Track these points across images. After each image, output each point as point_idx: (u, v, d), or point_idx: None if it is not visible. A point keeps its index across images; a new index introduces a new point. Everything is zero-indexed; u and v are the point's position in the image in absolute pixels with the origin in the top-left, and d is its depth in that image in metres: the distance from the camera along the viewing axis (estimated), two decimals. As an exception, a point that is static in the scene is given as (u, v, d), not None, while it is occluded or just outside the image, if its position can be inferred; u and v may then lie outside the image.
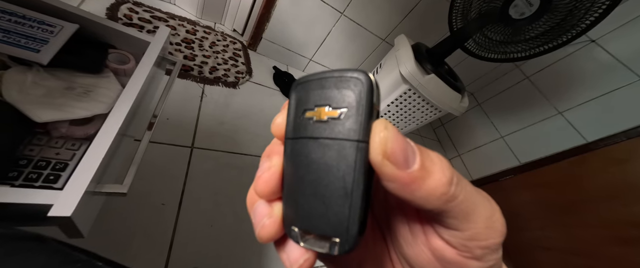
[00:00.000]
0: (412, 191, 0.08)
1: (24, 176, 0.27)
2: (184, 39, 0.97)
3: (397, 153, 0.08)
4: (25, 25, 0.31)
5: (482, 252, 0.09)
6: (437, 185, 0.08)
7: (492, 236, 0.09)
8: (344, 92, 0.08)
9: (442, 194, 0.08)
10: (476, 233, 0.09)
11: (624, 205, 0.89)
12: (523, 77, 1.21)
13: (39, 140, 0.29)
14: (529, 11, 0.61)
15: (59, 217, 0.21)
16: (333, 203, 0.08)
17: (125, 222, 0.56)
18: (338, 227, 0.08)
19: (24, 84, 0.29)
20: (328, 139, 0.08)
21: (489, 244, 0.09)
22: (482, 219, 0.09)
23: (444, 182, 0.08)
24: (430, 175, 0.08)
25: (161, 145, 0.69)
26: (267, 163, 0.11)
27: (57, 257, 0.17)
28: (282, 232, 0.10)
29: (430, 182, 0.08)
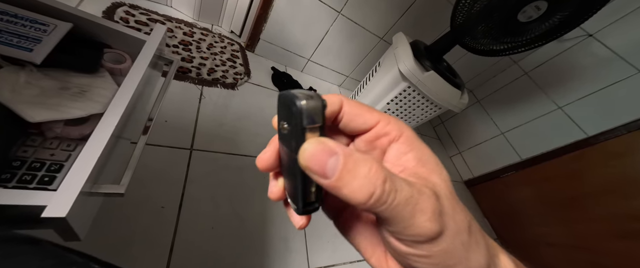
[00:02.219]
0: (335, 193, 0.10)
1: (18, 178, 0.26)
2: (181, 41, 0.96)
3: (314, 168, 0.10)
4: (17, 24, 0.30)
5: (412, 246, 0.11)
6: (352, 195, 0.10)
7: (415, 233, 0.11)
8: (292, 112, 0.11)
9: (362, 204, 0.10)
10: (400, 233, 0.11)
11: (625, 199, 0.88)
12: (522, 73, 1.21)
13: (33, 141, 0.29)
14: (537, 14, 0.61)
15: (53, 218, 0.20)
16: (293, 185, 0.13)
17: (125, 225, 0.55)
18: (295, 200, 0.13)
19: (16, 84, 0.28)
20: (286, 144, 0.12)
21: (415, 239, 0.11)
22: (401, 226, 0.11)
23: (363, 195, 0.10)
24: (345, 186, 0.10)
25: (160, 148, 0.68)
26: (267, 148, 0.14)
27: (51, 260, 0.16)
28: (283, 196, 0.15)
29: (346, 191, 0.10)
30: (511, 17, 0.62)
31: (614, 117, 0.92)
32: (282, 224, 0.76)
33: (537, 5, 0.58)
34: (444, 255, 0.11)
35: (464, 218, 0.12)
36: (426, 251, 0.11)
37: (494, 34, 0.68)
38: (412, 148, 0.13)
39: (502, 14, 0.61)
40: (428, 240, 0.11)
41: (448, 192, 0.12)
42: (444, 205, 0.11)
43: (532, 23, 0.63)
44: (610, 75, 0.94)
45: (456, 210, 0.12)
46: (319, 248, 0.78)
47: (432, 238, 0.10)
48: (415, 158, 0.13)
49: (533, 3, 0.57)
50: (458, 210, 0.12)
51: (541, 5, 0.59)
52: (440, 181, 0.12)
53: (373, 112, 0.13)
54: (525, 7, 0.59)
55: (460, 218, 0.11)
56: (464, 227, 0.11)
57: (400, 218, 0.10)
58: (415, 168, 0.12)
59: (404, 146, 0.13)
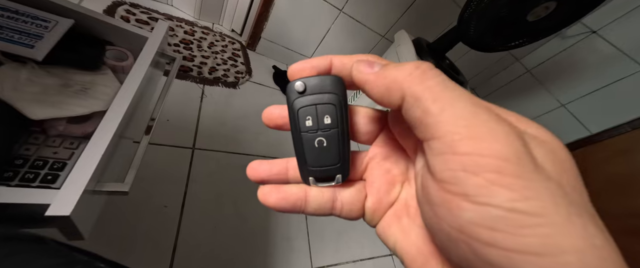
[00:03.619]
0: (375, 85, 0.10)
1: (20, 176, 0.25)
2: (182, 39, 0.96)
3: (362, 64, 0.11)
4: (18, 21, 0.30)
5: (470, 180, 0.07)
6: (395, 75, 0.10)
7: (480, 149, 0.07)
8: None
9: (408, 74, 0.09)
10: (452, 141, 0.07)
11: (629, 197, 0.88)
12: (524, 71, 1.20)
13: (36, 139, 0.28)
14: (545, 13, 0.61)
15: (57, 217, 0.20)
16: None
17: (128, 225, 0.54)
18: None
19: (18, 81, 0.28)
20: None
21: (478, 163, 0.07)
22: (461, 123, 0.07)
23: (408, 67, 0.09)
24: (388, 70, 0.10)
25: (162, 147, 0.68)
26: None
27: (56, 258, 0.16)
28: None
29: (389, 73, 0.10)
30: (521, 18, 0.62)
31: (618, 115, 0.91)
32: (284, 223, 0.75)
33: (547, 5, 0.58)
34: (545, 233, 0.06)
35: (586, 201, 0.07)
36: (476, 202, 0.07)
37: (502, 34, 0.68)
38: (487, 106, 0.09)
39: (512, 16, 0.61)
40: (503, 172, 0.07)
41: (559, 150, 0.08)
42: (542, 157, 0.07)
43: (539, 21, 0.63)
44: (614, 73, 0.94)
45: (568, 181, 0.07)
46: (321, 248, 0.77)
47: (517, 169, 0.06)
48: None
49: (544, 4, 0.57)
50: (575, 186, 0.08)
51: (550, 5, 0.58)
52: (544, 135, 0.08)
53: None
54: (536, 7, 0.58)
55: (578, 194, 0.07)
56: (582, 206, 0.07)
57: (459, 113, 0.08)
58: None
59: None
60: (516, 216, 0.06)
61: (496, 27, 0.66)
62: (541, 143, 0.08)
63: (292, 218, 0.78)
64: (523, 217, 0.06)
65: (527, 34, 0.68)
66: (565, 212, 0.06)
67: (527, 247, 0.06)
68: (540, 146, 0.08)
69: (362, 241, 0.87)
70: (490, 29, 0.67)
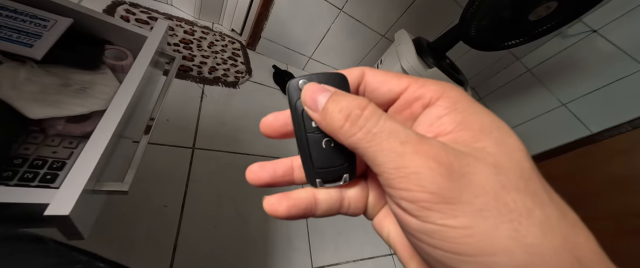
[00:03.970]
0: (321, 125, 0.11)
1: (19, 176, 0.25)
2: (182, 39, 0.95)
3: (308, 102, 0.11)
4: (16, 20, 0.30)
5: (410, 206, 0.09)
6: (332, 121, 0.10)
7: (408, 187, 0.08)
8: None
9: (338, 128, 0.10)
10: (389, 180, 0.09)
11: (630, 196, 0.88)
12: (524, 70, 1.20)
13: (35, 139, 0.28)
14: (546, 13, 0.61)
15: (56, 216, 0.20)
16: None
17: (128, 224, 0.54)
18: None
19: (17, 80, 0.28)
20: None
21: (411, 196, 0.08)
22: (391, 166, 0.09)
23: (338, 118, 0.10)
24: (328, 115, 0.10)
25: (162, 147, 0.68)
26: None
27: (55, 258, 0.16)
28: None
29: (327, 119, 0.10)
30: (522, 17, 0.62)
31: (619, 114, 0.91)
32: (284, 223, 0.75)
33: (548, 5, 0.58)
34: (470, 242, 0.08)
35: (537, 201, 0.08)
36: (433, 223, 0.08)
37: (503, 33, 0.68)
38: (453, 110, 0.10)
39: (514, 15, 0.61)
40: (429, 200, 0.08)
41: (506, 159, 0.09)
42: (479, 170, 0.08)
43: (540, 20, 0.63)
44: (615, 72, 0.93)
45: (516, 185, 0.08)
46: (322, 247, 0.77)
47: (437, 199, 0.08)
48: (454, 121, 0.10)
49: (545, 4, 0.57)
50: (524, 188, 0.08)
51: (552, 5, 0.58)
52: (494, 149, 0.09)
53: (402, 78, 0.12)
54: (537, 7, 0.58)
55: (524, 199, 0.08)
56: (523, 211, 0.08)
57: (387, 156, 0.09)
58: (453, 134, 0.10)
59: (440, 108, 0.10)
60: (449, 229, 0.08)
61: (498, 27, 0.66)
62: (485, 157, 0.09)
63: (292, 218, 0.78)
64: (454, 230, 0.08)
65: (528, 32, 0.68)
66: (492, 222, 0.08)
67: (462, 251, 0.08)
68: (482, 161, 0.09)
69: (362, 241, 0.87)
70: (492, 29, 0.67)
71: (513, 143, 0.09)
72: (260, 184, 0.14)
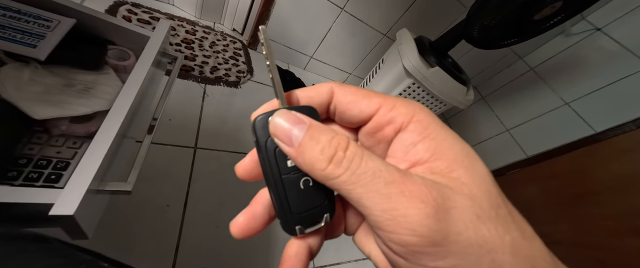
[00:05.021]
0: (297, 163, 0.10)
1: (24, 176, 0.25)
2: (183, 39, 0.96)
3: (280, 135, 0.10)
4: (20, 20, 0.30)
5: (400, 249, 0.09)
6: (310, 162, 0.09)
7: (397, 231, 0.08)
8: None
9: (320, 170, 0.09)
10: (377, 222, 0.09)
11: (634, 196, 0.87)
12: (527, 69, 1.19)
13: (39, 139, 0.28)
14: (551, 12, 0.60)
15: (61, 216, 0.20)
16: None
17: (131, 224, 0.55)
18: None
19: (21, 81, 0.28)
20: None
21: (402, 240, 0.08)
22: (378, 208, 0.09)
23: (318, 161, 0.09)
24: (306, 152, 0.09)
25: (164, 147, 0.68)
26: (247, 157, 0.14)
27: (59, 258, 0.16)
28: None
29: (306, 157, 0.09)
30: (527, 18, 0.62)
31: (623, 113, 0.90)
32: (286, 222, 0.75)
33: (554, 5, 0.58)
34: None
35: (503, 233, 0.08)
36: (412, 263, 0.09)
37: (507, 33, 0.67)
38: (425, 136, 0.10)
39: (520, 17, 0.60)
40: (420, 245, 0.08)
41: (479, 190, 0.09)
42: (459, 204, 0.09)
43: (544, 19, 0.63)
44: (619, 70, 0.92)
45: (489, 215, 0.09)
46: (323, 248, 0.77)
47: (427, 243, 0.08)
48: (429, 149, 0.10)
49: (551, 5, 0.57)
50: (495, 218, 0.09)
51: (557, 4, 0.58)
52: (468, 178, 0.09)
53: (372, 98, 0.11)
54: (544, 9, 0.58)
55: (497, 229, 0.08)
56: (500, 243, 0.08)
57: (373, 199, 0.09)
58: (429, 164, 0.10)
59: (414, 134, 0.10)
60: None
61: (503, 28, 0.65)
62: (461, 188, 0.09)
63: (294, 217, 0.78)
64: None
65: (532, 31, 0.68)
66: (475, 258, 0.08)
67: None
68: (459, 194, 0.09)
69: (364, 240, 0.87)
70: (496, 30, 0.66)
71: (481, 170, 0.10)
72: (245, 237, 0.13)
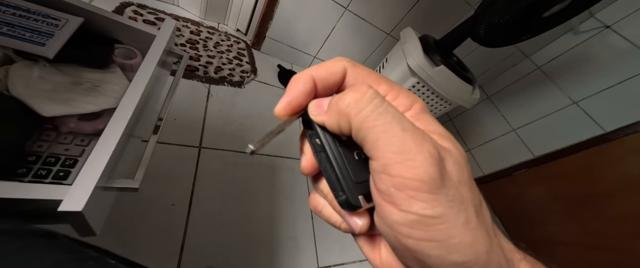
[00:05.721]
0: (328, 123, 0.11)
1: (33, 172, 0.25)
2: (188, 39, 0.96)
3: (314, 109, 0.12)
4: (29, 19, 0.30)
5: (397, 194, 0.10)
6: (339, 106, 0.11)
7: (404, 173, 0.09)
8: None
9: (345, 107, 0.11)
10: (385, 166, 0.10)
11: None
12: (534, 68, 1.17)
13: (48, 136, 0.28)
14: (560, 8, 0.59)
15: (70, 212, 0.20)
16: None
17: (137, 223, 0.55)
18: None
19: (30, 79, 0.28)
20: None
21: (403, 183, 0.09)
22: (392, 150, 0.10)
23: (344, 104, 0.11)
24: (338, 102, 0.11)
25: (169, 146, 0.68)
26: (303, 154, 0.14)
27: (68, 254, 0.16)
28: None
29: (334, 108, 0.11)
30: (536, 16, 0.61)
31: (634, 112, 0.88)
32: (290, 223, 0.75)
33: (564, 1, 0.57)
34: (442, 229, 0.09)
35: (472, 195, 0.10)
36: (403, 209, 0.10)
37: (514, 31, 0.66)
38: (418, 119, 0.12)
39: (529, 15, 0.59)
40: (421, 189, 0.09)
41: (462, 159, 0.11)
42: (449, 162, 0.10)
43: (553, 15, 0.62)
44: (630, 68, 0.90)
45: (466, 180, 0.10)
46: (327, 247, 0.77)
47: (429, 188, 0.09)
48: (421, 127, 0.12)
49: (561, 2, 0.56)
50: (469, 182, 0.11)
51: (566, 1, 0.57)
52: (454, 149, 0.11)
53: (380, 84, 0.12)
54: (554, 6, 0.57)
55: (470, 191, 0.10)
56: (470, 202, 0.10)
57: (388, 140, 0.10)
58: None
59: (408, 117, 0.12)
60: (426, 219, 0.10)
61: (510, 27, 0.64)
62: (451, 155, 0.11)
63: (298, 217, 0.78)
64: (430, 220, 0.10)
65: (539, 27, 0.67)
66: (455, 211, 0.10)
67: (432, 237, 0.10)
68: (450, 157, 0.11)
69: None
70: (504, 28, 0.65)
71: (460, 149, 0.12)
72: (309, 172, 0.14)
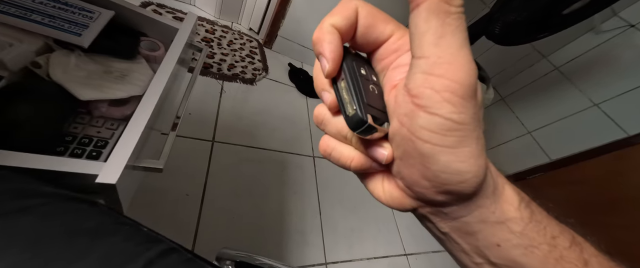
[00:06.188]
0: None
1: (70, 151, 0.28)
2: (203, 38, 1.00)
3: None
4: (67, 11, 0.33)
5: (433, 96, 0.10)
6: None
7: (449, 74, 0.10)
8: None
9: None
10: (433, 64, 0.10)
11: (673, 204, 0.80)
12: (552, 68, 1.14)
13: (82, 119, 0.31)
14: (581, 5, 0.58)
15: (105, 184, 0.21)
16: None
17: (153, 211, 0.57)
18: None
19: (68, 66, 0.30)
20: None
21: (443, 84, 0.10)
22: (447, 52, 0.10)
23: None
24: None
25: (184, 139, 0.71)
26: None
27: (109, 218, 0.17)
28: None
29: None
30: (556, 13, 0.59)
31: (660, 115, 0.84)
32: (299, 218, 0.76)
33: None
34: (464, 140, 0.10)
35: (480, 114, 0.11)
36: (443, 120, 0.10)
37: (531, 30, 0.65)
38: None
39: (549, 12, 0.58)
40: (460, 97, 0.10)
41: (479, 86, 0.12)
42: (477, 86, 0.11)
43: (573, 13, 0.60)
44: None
45: (481, 105, 0.11)
46: (335, 244, 0.77)
47: (465, 95, 0.10)
48: None
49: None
50: (482, 108, 0.11)
51: None
52: None
53: (389, 23, 0.12)
54: (574, 3, 0.55)
55: (481, 114, 0.11)
56: (482, 123, 0.11)
57: (444, 42, 0.10)
58: None
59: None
60: (448, 123, 0.10)
61: (528, 25, 0.63)
62: None
63: (307, 213, 0.78)
64: (454, 125, 0.10)
65: (558, 25, 0.65)
66: (474, 124, 0.10)
67: (447, 143, 0.10)
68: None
69: (376, 239, 0.85)
70: (522, 26, 0.64)
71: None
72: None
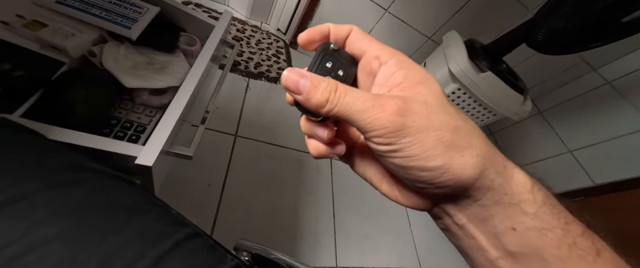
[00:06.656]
0: (306, 104, 0.14)
1: (113, 134, 0.30)
2: (234, 36, 1.04)
3: (291, 87, 0.14)
4: (121, 6, 0.36)
5: (380, 139, 0.13)
6: (316, 103, 0.13)
7: (375, 128, 0.13)
8: None
9: (321, 107, 0.13)
10: (364, 127, 0.13)
11: None
12: (603, 82, 1.02)
13: (126, 105, 0.33)
14: None
15: (142, 166, 0.23)
16: None
17: (177, 198, 0.60)
18: None
19: (118, 56, 0.33)
20: None
21: (378, 133, 0.13)
22: (362, 118, 0.13)
23: (320, 102, 0.13)
24: (313, 97, 0.13)
25: (210, 131, 0.74)
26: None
27: (143, 198, 0.19)
28: None
29: (312, 102, 0.13)
30: (613, 21, 0.53)
31: None
32: (313, 218, 0.76)
33: None
34: (414, 147, 0.12)
35: (448, 120, 0.13)
36: (395, 144, 0.12)
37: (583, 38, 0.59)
38: (401, 68, 0.14)
39: (605, 19, 0.52)
40: (390, 131, 0.12)
41: (432, 98, 0.13)
42: (415, 106, 0.13)
43: (634, 21, 0.53)
44: None
45: (437, 111, 0.13)
46: (347, 248, 0.76)
47: (394, 129, 0.12)
48: (402, 75, 0.14)
49: None
50: (441, 112, 0.13)
51: None
52: (426, 90, 0.14)
53: (372, 42, 0.15)
54: (637, 10, 0.49)
55: (441, 118, 0.13)
56: (444, 125, 0.13)
57: (358, 114, 0.13)
58: (402, 85, 0.14)
59: (392, 67, 0.14)
60: (403, 144, 0.13)
61: (580, 32, 0.57)
62: (420, 98, 0.14)
63: (321, 214, 0.78)
64: (406, 144, 0.13)
65: (615, 34, 0.58)
66: (425, 134, 0.13)
67: (411, 153, 0.13)
68: (417, 101, 0.14)
69: (390, 249, 0.82)
70: (569, 35, 0.58)
71: (436, 87, 0.14)
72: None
